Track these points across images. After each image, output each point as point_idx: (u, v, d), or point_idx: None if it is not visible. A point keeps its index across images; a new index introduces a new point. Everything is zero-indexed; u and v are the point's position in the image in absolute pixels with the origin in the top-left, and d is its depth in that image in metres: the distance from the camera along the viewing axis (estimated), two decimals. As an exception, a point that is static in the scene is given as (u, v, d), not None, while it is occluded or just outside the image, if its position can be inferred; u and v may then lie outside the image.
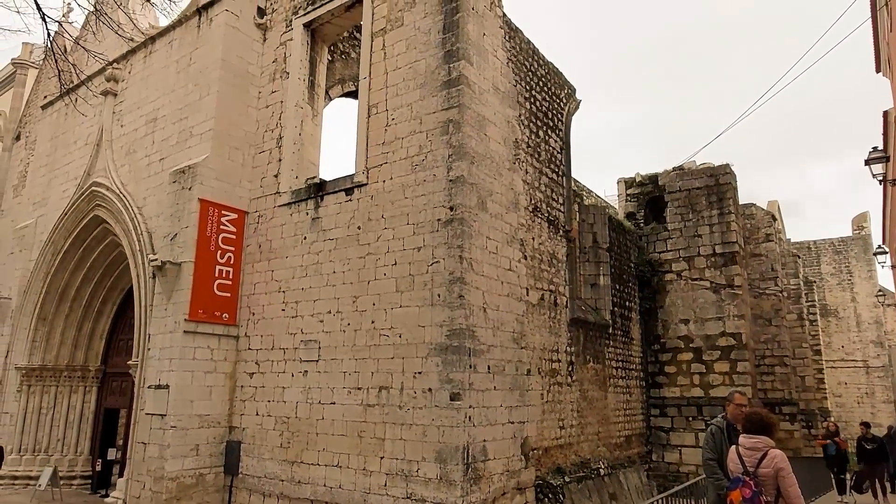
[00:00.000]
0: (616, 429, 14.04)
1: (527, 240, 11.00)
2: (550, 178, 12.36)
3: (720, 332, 15.79)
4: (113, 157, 13.95)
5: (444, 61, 9.81)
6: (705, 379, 15.72)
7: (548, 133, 12.54)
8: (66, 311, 15.11)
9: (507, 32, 11.34)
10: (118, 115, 14.35)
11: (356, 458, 9.36)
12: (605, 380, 13.76)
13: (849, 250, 38.12)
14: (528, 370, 10.38)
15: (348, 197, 10.55)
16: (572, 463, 11.56)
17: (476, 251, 9.29)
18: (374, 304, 9.72)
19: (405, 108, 10.13)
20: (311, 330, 10.49)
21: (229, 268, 11.58)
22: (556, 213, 12.36)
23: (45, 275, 14.87)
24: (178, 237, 11.30)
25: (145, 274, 11.86)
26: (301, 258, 10.95)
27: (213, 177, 11.58)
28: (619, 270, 15.68)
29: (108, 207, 13.64)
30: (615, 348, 14.67)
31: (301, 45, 12.19)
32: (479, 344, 9.06)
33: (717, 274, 16.15)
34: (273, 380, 10.83)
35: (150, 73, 13.82)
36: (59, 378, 14.92)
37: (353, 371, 9.76)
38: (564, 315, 12.11)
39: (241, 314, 11.65)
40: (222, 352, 11.33)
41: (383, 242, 9.85)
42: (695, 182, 17.13)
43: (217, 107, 11.89)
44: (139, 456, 10.70)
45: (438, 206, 9.31)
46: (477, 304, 9.14)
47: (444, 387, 8.65)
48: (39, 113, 18.19)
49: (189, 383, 10.69)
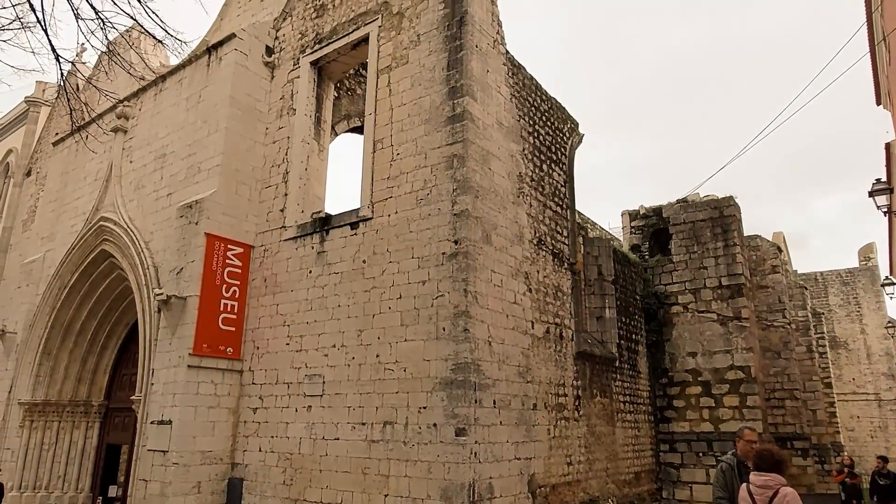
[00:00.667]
0: (625, 465, 13.77)
1: (531, 273, 10.99)
2: (555, 211, 12.42)
3: (729, 366, 15.61)
4: (122, 192, 14.12)
5: (449, 97, 9.97)
6: (715, 413, 15.48)
7: (551, 167, 12.65)
8: (71, 346, 15.09)
9: (510, 69, 11.54)
10: (128, 151, 14.58)
11: (360, 495, 9.20)
12: (612, 414, 13.56)
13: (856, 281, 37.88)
14: (534, 404, 10.26)
15: (353, 231, 10.61)
16: (581, 500, 11.31)
17: (481, 284, 9.29)
18: (379, 338, 9.68)
19: (410, 144, 10.26)
20: (315, 364, 10.44)
21: (234, 302, 11.60)
22: (560, 245, 12.38)
23: (51, 309, 14.90)
24: (184, 271, 11.35)
25: (150, 308, 11.88)
26: (306, 292, 10.96)
27: (220, 211, 11.69)
28: (625, 303, 15.60)
29: (115, 242, 13.74)
30: (622, 382, 14.49)
31: (308, 82, 12.43)
32: (484, 378, 8.98)
33: (724, 306, 16.05)
34: (276, 415, 10.73)
35: (160, 110, 14.08)
36: (61, 413, 14.81)
37: (358, 406, 9.66)
38: (570, 348, 12.02)
39: (245, 348, 11.61)
40: (226, 386, 11.26)
41: (388, 276, 9.86)
42: (699, 214, 17.16)
43: (225, 143, 12.07)
44: (140, 493, 10.55)
45: (443, 240, 9.35)
46: (482, 337, 9.09)
47: (450, 422, 8.55)
48: (50, 149, 18.51)
49: (192, 419, 10.60)
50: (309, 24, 12.91)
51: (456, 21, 10.27)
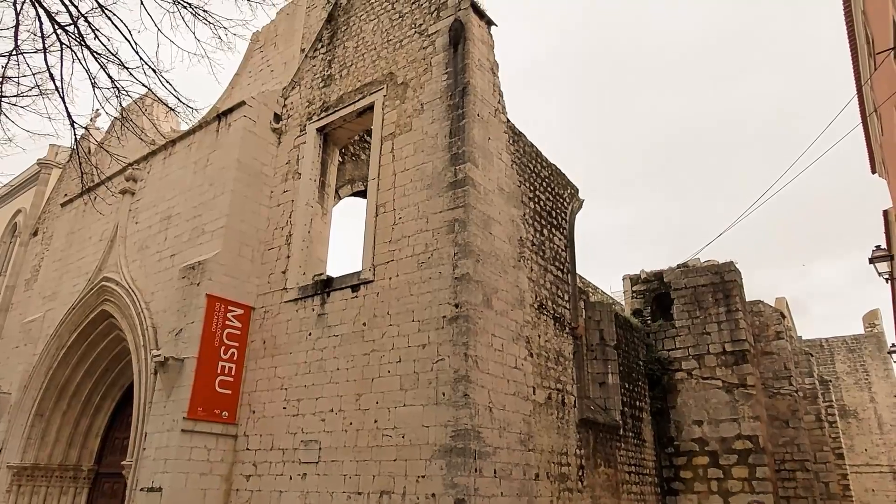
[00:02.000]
0: (631, 540, 13.21)
1: (532, 337, 10.90)
2: (555, 275, 12.44)
3: (736, 435, 15.21)
4: (125, 252, 14.23)
5: (451, 163, 10.19)
6: (724, 485, 14.96)
7: (552, 231, 12.77)
8: (65, 408, 14.82)
9: (511, 136, 11.84)
10: (134, 212, 14.80)
11: (354, 570, 8.80)
12: (617, 485, 13.12)
13: (863, 348, 37.44)
14: (536, 474, 9.95)
15: (354, 293, 10.61)
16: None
17: (481, 349, 9.20)
18: (378, 403, 9.51)
19: (412, 208, 10.41)
20: (312, 429, 10.21)
21: (232, 364, 11.47)
22: (561, 310, 12.33)
23: (46, 369, 14.73)
24: (184, 332, 11.29)
25: (147, 370, 11.74)
26: (305, 354, 10.85)
27: (223, 272, 11.74)
28: (628, 368, 15.38)
29: (115, 302, 13.73)
30: (627, 451, 14.10)
31: (314, 147, 12.75)
32: (484, 446, 8.75)
33: (729, 373, 15.80)
34: (270, 483, 10.40)
35: (168, 173, 14.38)
36: (50, 478, 14.38)
37: (354, 474, 9.38)
38: (573, 415, 11.76)
39: (241, 412, 11.39)
40: (219, 452, 10.97)
41: (388, 339, 9.79)
42: (700, 279, 17.16)
43: (230, 205, 12.26)
44: (125, 566, 10.10)
45: (444, 304, 9.33)
46: (482, 403, 8.93)
47: (449, 492, 8.27)
48: (58, 210, 18.80)
49: (183, 486, 10.27)
50: (316, 93, 13.35)
51: (458, 91, 10.63)
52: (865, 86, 14.59)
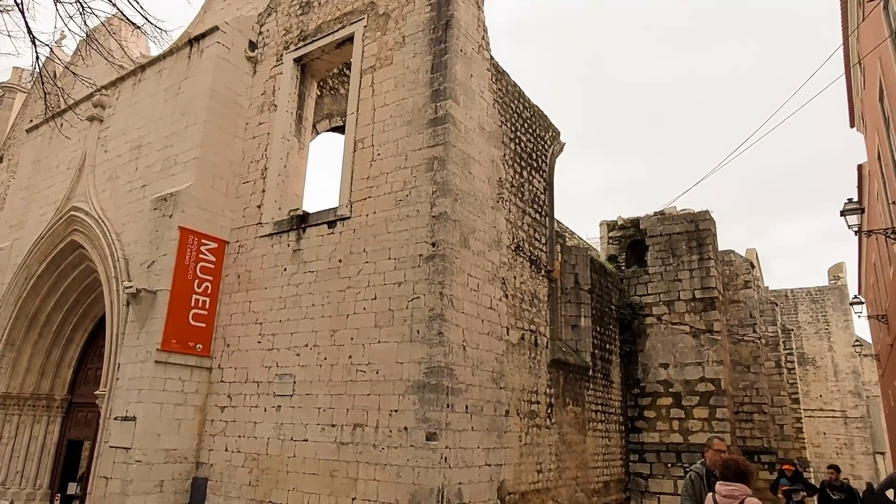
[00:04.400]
0: (595, 474, 13.80)
1: (508, 278, 10.98)
2: (533, 217, 12.44)
3: (699, 378, 15.77)
4: (95, 182, 13.81)
5: (432, 100, 9.95)
6: (684, 425, 15.61)
7: (531, 174, 12.68)
8: (35, 338, 14.68)
9: (494, 74, 11.56)
10: (103, 140, 14.28)
11: (327, 498, 9.06)
12: (584, 423, 13.59)
13: (825, 300, 38.69)
14: (506, 411, 10.23)
15: (331, 230, 10.51)
16: (549, 508, 11.30)
17: (457, 288, 9.25)
18: (353, 339, 9.58)
19: (391, 144, 10.21)
20: (286, 363, 10.29)
21: (206, 297, 11.39)
22: (538, 252, 12.40)
23: (16, 299, 14.49)
24: (156, 264, 11.13)
25: (119, 301, 11.61)
26: (280, 290, 10.81)
27: (195, 205, 11.49)
28: (601, 312, 15.68)
29: (85, 233, 13.42)
30: (595, 391, 14.54)
31: (291, 79, 12.31)
32: (457, 383, 8.93)
33: (697, 319, 16.22)
34: (245, 414, 10.54)
35: (138, 101, 13.83)
36: (22, 407, 14.39)
37: (328, 407, 9.54)
38: (545, 356, 12.02)
39: (215, 345, 11.41)
40: (194, 384, 11.04)
41: (364, 276, 9.77)
42: (675, 227, 17.35)
43: (203, 136, 11.89)
44: (100, 491, 10.27)
45: (421, 242, 9.30)
46: (456, 341, 9.04)
47: (421, 426, 8.47)
48: (24, 136, 18.06)
49: (157, 416, 10.36)
50: (294, 21, 12.80)
51: (441, 24, 10.26)
52: (851, 37, 14.46)
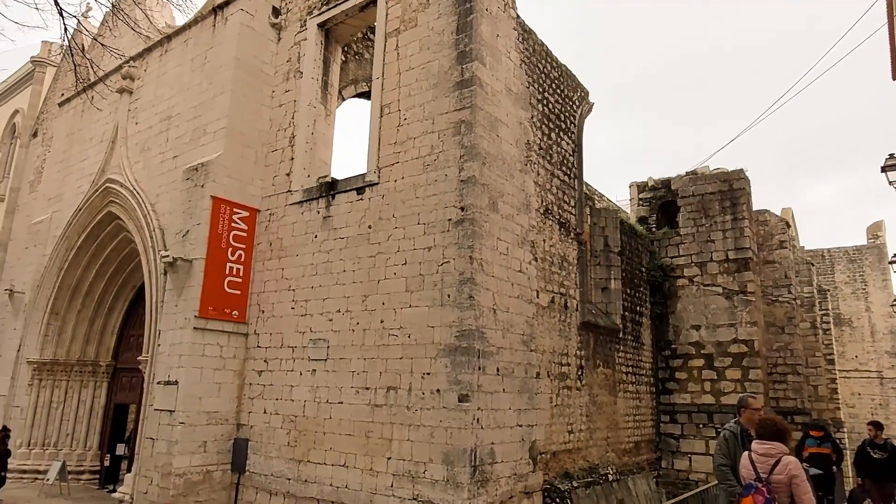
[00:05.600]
0: (625, 434, 13.91)
1: (537, 242, 10.94)
2: (562, 180, 12.30)
3: (732, 339, 15.63)
4: (127, 154, 14.05)
5: (458, 62, 9.79)
6: (716, 386, 15.56)
7: (560, 135, 12.49)
8: (79, 307, 15.23)
9: (521, 34, 11.31)
10: (133, 112, 14.47)
11: (363, 458, 9.33)
12: (614, 385, 13.64)
13: (863, 259, 37.66)
14: (537, 373, 10.31)
15: (360, 196, 10.55)
16: (580, 468, 11.45)
17: (486, 252, 9.25)
18: (384, 304, 9.70)
19: (418, 109, 10.12)
20: (320, 329, 10.49)
21: (240, 265, 11.62)
22: (567, 215, 12.29)
23: (58, 270, 14.99)
24: (190, 234, 11.35)
25: (157, 270, 11.92)
26: (311, 256, 10.96)
27: (226, 174, 11.63)
28: (631, 275, 15.57)
29: (121, 204, 13.73)
30: (625, 353, 14.55)
31: (315, 44, 12.23)
32: (488, 345, 9.01)
33: (730, 280, 16.00)
34: (281, 378, 10.84)
35: (166, 72, 13.92)
36: (69, 372, 15.03)
37: (362, 371, 9.74)
38: (575, 318, 12.03)
39: (250, 312, 11.68)
40: (231, 349, 11.35)
41: (394, 242, 9.83)
42: (708, 187, 16.99)
43: (230, 105, 11.94)
44: (147, 452, 10.74)
45: (449, 206, 9.29)
46: (487, 305, 9.09)
47: (453, 388, 8.61)
48: (56, 110, 18.39)
49: (198, 380, 10.72)
50: (316, -15, 12.63)
51: (467, -17, 10.02)
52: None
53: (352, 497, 9.26)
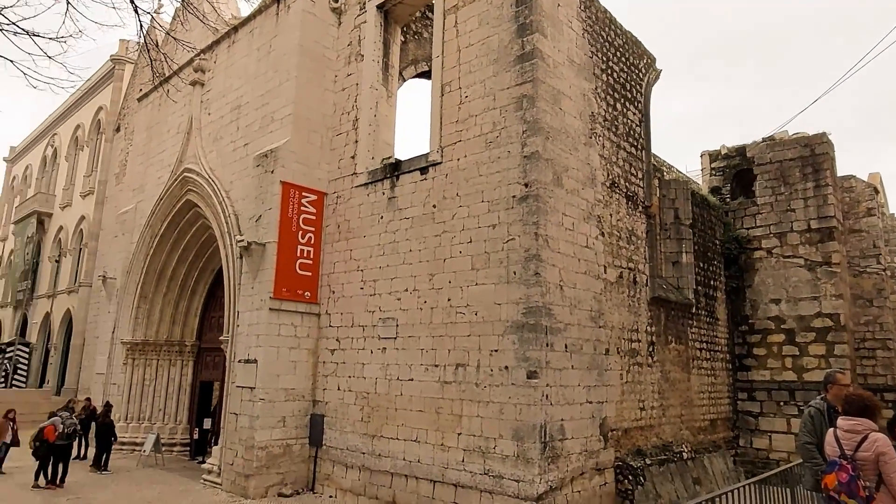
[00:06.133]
0: (700, 412, 13.54)
1: (604, 216, 10.71)
2: (629, 152, 11.94)
3: (815, 313, 14.84)
4: (202, 143, 14.69)
5: (518, 35, 9.63)
6: (798, 362, 14.86)
7: (626, 105, 12.09)
8: (164, 290, 16.17)
9: (583, 2, 10.97)
10: (205, 103, 15.07)
11: (434, 433, 9.52)
12: (688, 361, 13.27)
13: (964, 225, 34.68)
14: (606, 349, 10.17)
15: (423, 176, 10.62)
16: (653, 445, 11.26)
17: (552, 228, 9.14)
18: (450, 282, 9.79)
19: (478, 85, 10.05)
20: (388, 308, 10.71)
21: (310, 247, 11.99)
22: (634, 188, 11.95)
23: (144, 256, 15.95)
24: (262, 219, 11.79)
25: (233, 254, 12.47)
26: (378, 237, 11.16)
27: (294, 160, 11.97)
28: (703, 248, 15.00)
29: (198, 192, 14.41)
30: (699, 329, 14.10)
31: (374, 26, 12.31)
32: (555, 322, 8.95)
33: (813, 251, 15.15)
34: (353, 356, 11.17)
35: (234, 62, 14.39)
36: (159, 352, 16.05)
37: (430, 348, 9.89)
38: (644, 294, 11.74)
39: (321, 292, 12.05)
40: (305, 328, 11.78)
41: (458, 220, 9.87)
42: (787, 153, 16.06)
43: (296, 91, 12.23)
44: (231, 426, 11.36)
45: (513, 183, 9.21)
46: (553, 281, 9.01)
47: (521, 365, 8.62)
48: (136, 105, 19.40)
49: (275, 358, 11.20)
50: (374, -34, 12.66)
51: (525, -47, 9.78)
52: None
53: (424, 471, 9.49)
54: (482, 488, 8.66)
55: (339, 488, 10.83)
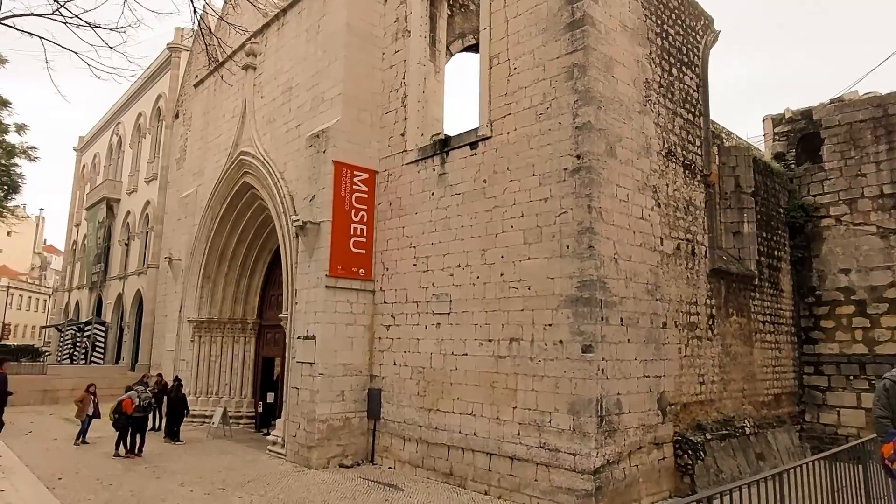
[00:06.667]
0: (763, 386, 13.14)
1: (660, 186, 10.40)
2: (685, 119, 11.51)
3: (889, 283, 14.06)
4: (256, 126, 15.03)
5: (567, 2, 9.36)
6: (870, 334, 14.16)
7: (682, 70, 11.63)
8: (226, 270, 16.79)
9: (636, -36, 10.53)
10: (258, 87, 15.38)
11: (489, 407, 9.61)
12: (750, 334, 12.86)
13: None
14: (663, 323, 9.96)
15: (473, 151, 10.57)
16: (714, 420, 11.02)
17: (605, 200, 8.96)
18: (503, 257, 9.76)
19: (527, 56, 9.86)
20: (441, 284, 10.79)
21: (363, 225, 12.16)
22: (692, 156, 11.54)
23: (206, 238, 16.57)
24: (316, 198, 12.02)
25: (289, 234, 12.79)
26: (429, 213, 11.21)
27: (345, 139, 12.11)
28: (766, 217, 14.40)
29: (254, 174, 14.80)
30: (762, 301, 13.61)
31: (420, 1, 12.21)
32: (610, 295, 8.82)
33: (886, 217, 14.30)
34: (408, 332, 11.34)
35: (284, 44, 14.59)
36: (223, 329, 16.73)
37: (484, 323, 9.93)
38: (703, 265, 11.40)
39: (375, 269, 12.24)
40: (360, 305, 12.02)
41: (509, 195, 9.79)
42: (857, 114, 15.12)
43: (344, 71, 12.32)
44: (293, 400, 11.78)
45: (564, 155, 9.05)
46: (608, 254, 8.86)
47: (576, 339, 8.56)
48: (192, 91, 19.99)
49: (332, 334, 11.50)
50: (419, -60, 12.51)
51: (574, -85, 9.45)
52: None
53: (480, 444, 9.61)
54: (538, 461, 8.71)
55: (397, 460, 11.11)
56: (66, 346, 28.86)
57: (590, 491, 8.04)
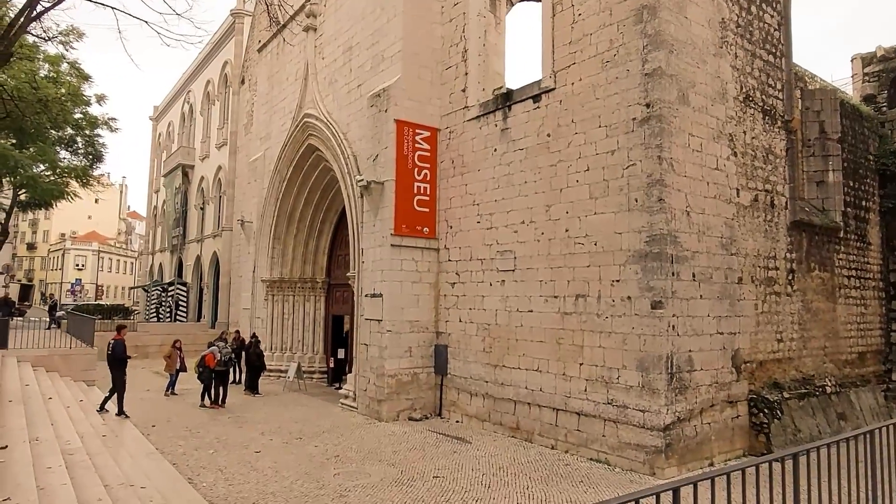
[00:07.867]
0: (847, 344, 12.48)
1: (736, 134, 9.83)
2: (765, 60, 10.75)
3: None
4: (318, 88, 15.16)
5: (636, -61, 8.80)
6: (970, 289, 13.13)
7: (761, 8, 10.81)
8: (294, 231, 17.29)
9: None
10: (319, 48, 15.44)
11: (555, 363, 9.59)
12: (833, 290, 12.17)
13: None
14: (739, 278, 9.56)
15: (536, 104, 10.28)
16: (792, 379, 10.59)
17: (677, 150, 8.56)
18: (567, 213, 9.56)
19: (592, 0, 9.39)
20: (505, 240, 10.72)
21: (426, 184, 12.17)
22: (772, 101, 10.81)
23: (275, 200, 17.05)
24: (380, 158, 12.09)
25: (354, 194, 12.97)
26: (492, 170, 11.08)
27: (406, 97, 12.03)
28: (854, 165, 13.41)
29: (318, 136, 15.00)
30: (847, 255, 12.81)
31: (480, -51, 11.80)
32: (681, 250, 8.51)
33: None
34: (473, 289, 11.38)
35: (343, 4, 14.51)
36: (294, 289, 17.34)
37: (549, 280, 9.83)
38: (783, 217, 10.79)
39: (439, 227, 12.28)
40: (425, 263, 12.14)
41: (574, 148, 9.52)
42: (966, 48, 13.69)
43: (403, 27, 12.16)
44: (363, 356, 12.14)
45: (633, 105, 8.67)
46: (679, 207, 8.52)
47: (645, 295, 8.35)
48: (256, 56, 20.30)
49: (399, 292, 11.70)
50: None
51: None
52: None
53: (547, 399, 9.64)
54: (606, 417, 8.66)
55: (464, 414, 11.33)
56: (152, 306, 30.75)
57: (659, 447, 7.95)
